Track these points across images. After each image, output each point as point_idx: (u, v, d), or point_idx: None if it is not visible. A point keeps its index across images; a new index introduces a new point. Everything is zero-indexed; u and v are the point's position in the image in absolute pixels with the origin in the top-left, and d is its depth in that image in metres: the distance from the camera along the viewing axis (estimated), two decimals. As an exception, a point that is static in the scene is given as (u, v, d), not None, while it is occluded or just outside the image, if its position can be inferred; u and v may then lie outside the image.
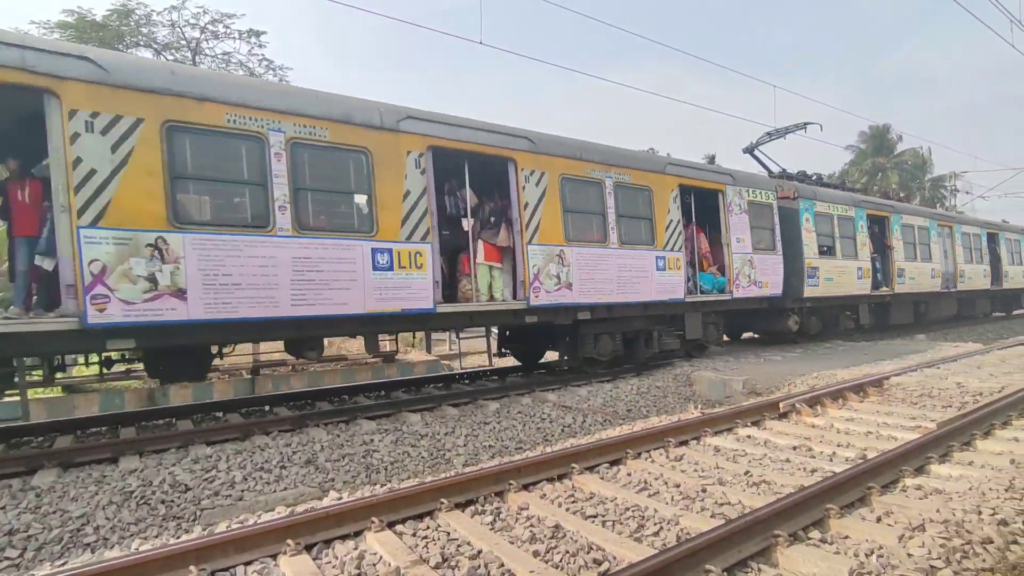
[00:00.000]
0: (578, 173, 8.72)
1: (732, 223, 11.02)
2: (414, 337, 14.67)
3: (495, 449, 6.35)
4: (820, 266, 12.70)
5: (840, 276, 13.30)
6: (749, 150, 14.58)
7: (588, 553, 3.38)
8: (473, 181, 8.06)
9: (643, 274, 9.43)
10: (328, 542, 3.65)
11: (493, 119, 8.12)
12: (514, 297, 8.18)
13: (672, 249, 9.96)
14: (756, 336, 14.90)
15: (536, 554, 3.40)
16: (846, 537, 3.50)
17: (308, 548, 3.55)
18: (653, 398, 8.59)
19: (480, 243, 8.12)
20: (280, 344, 8.84)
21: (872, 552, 3.17)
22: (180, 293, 5.53)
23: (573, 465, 4.80)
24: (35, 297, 6.11)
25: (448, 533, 3.74)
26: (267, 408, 7.88)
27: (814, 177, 14.94)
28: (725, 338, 14.27)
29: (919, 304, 17.09)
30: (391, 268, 6.82)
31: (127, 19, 19.68)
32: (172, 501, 4.71)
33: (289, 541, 3.48)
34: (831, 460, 5.02)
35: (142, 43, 20.34)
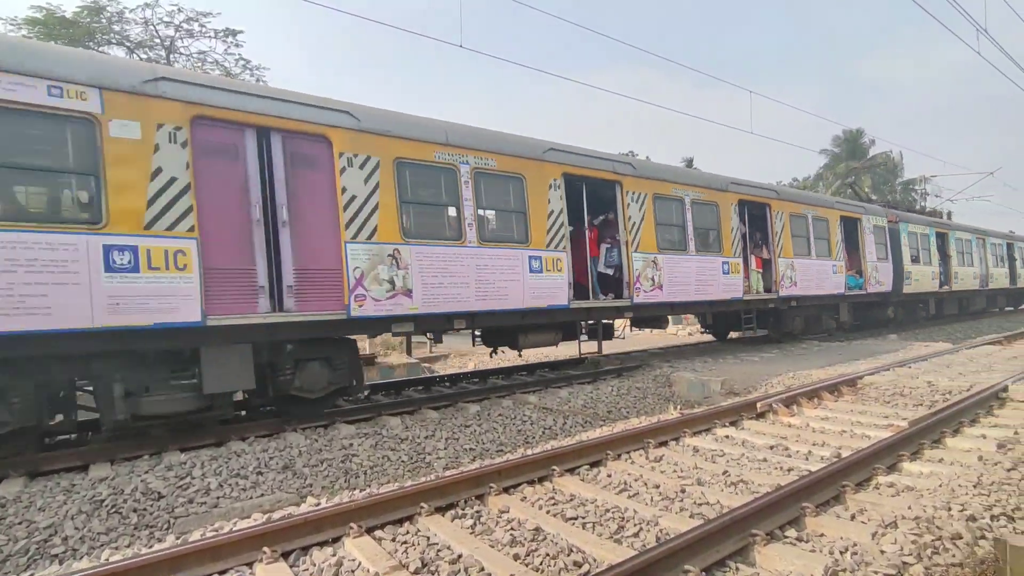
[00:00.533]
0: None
1: (866, 241, 15.40)
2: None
3: (476, 452, 6.33)
4: (912, 271, 17.20)
5: (922, 278, 17.88)
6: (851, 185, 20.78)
7: (568, 555, 3.38)
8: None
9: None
10: (306, 549, 3.60)
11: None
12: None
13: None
14: (738, 336, 15.11)
15: (516, 557, 3.39)
16: (821, 535, 3.55)
17: (285, 555, 3.49)
18: (633, 399, 8.65)
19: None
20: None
21: (846, 549, 3.22)
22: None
23: (554, 467, 4.81)
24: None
25: (428, 538, 3.71)
26: (243, 413, 7.74)
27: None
28: (711, 338, 15.77)
29: (963, 300, 22.17)
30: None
31: (98, 16, 19.25)
32: (144, 509, 4.60)
33: (265, 548, 3.42)
34: (807, 459, 5.10)
35: (114, 41, 19.91)
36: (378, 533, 3.79)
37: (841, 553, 3.20)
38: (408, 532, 3.83)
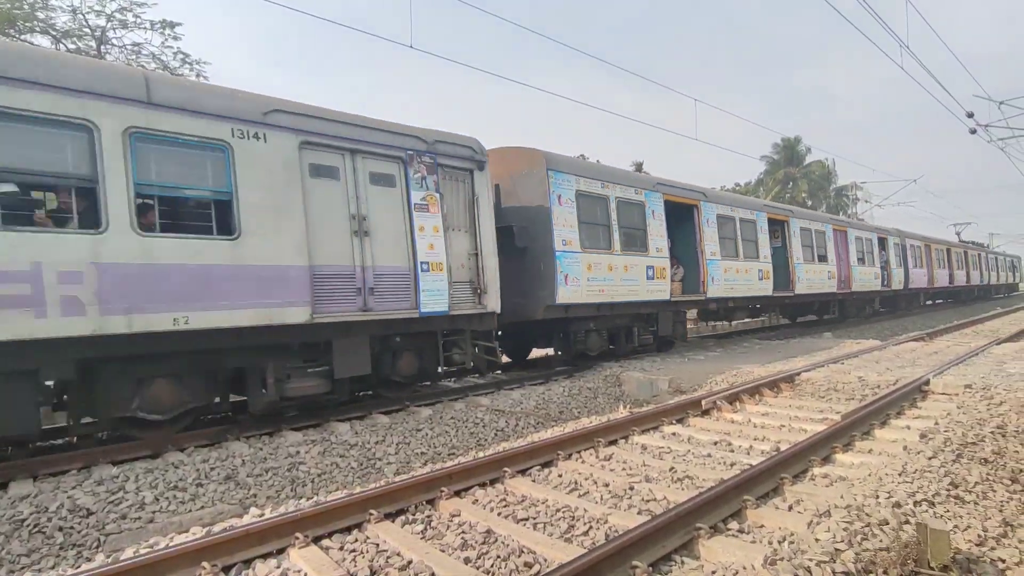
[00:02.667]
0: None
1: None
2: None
3: (428, 456, 6.27)
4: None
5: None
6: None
7: (519, 556, 3.39)
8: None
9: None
10: (248, 562, 3.47)
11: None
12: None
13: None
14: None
15: (467, 560, 3.37)
16: (761, 526, 3.70)
17: (226, 570, 3.36)
18: (584, 399, 8.77)
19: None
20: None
21: (784, 539, 3.36)
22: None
23: (505, 469, 4.81)
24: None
25: (377, 545, 3.64)
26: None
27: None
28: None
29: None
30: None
31: (19, 1, 18.01)
32: (71, 528, 4.33)
33: (205, 564, 3.28)
34: (748, 453, 5.30)
35: (38, 29, 18.67)
36: (325, 542, 3.70)
37: (779, 543, 3.34)
38: (357, 540, 3.75)
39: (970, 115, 15.28)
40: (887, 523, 3.41)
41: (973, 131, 15.65)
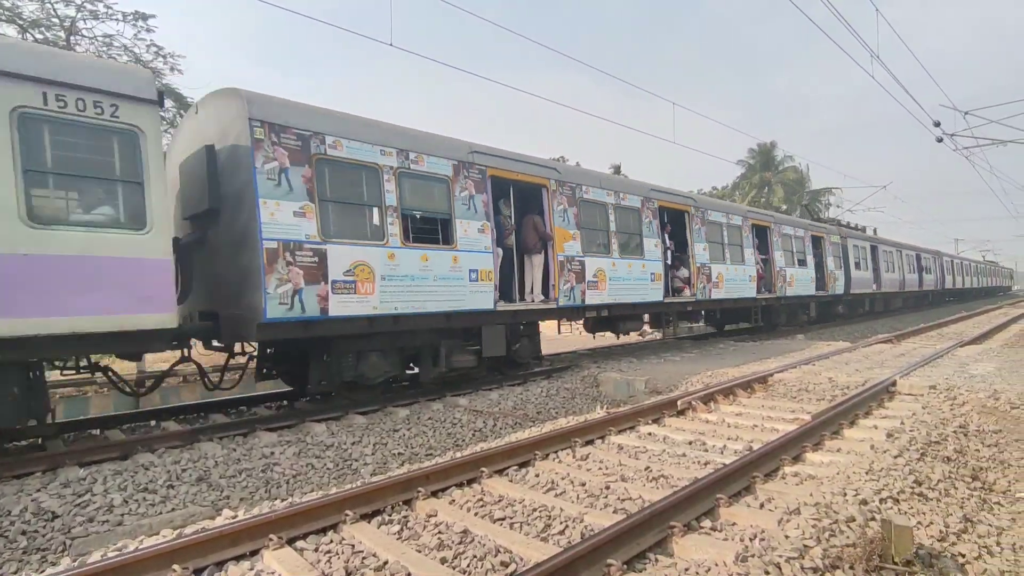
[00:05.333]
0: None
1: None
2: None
3: (405, 457, 6.24)
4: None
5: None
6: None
7: (496, 556, 3.40)
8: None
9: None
10: (221, 564, 3.42)
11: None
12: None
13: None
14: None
15: (444, 561, 3.37)
16: (734, 524, 3.77)
17: (197, 572, 3.30)
18: (562, 399, 8.82)
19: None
20: (166, 355, 8.21)
21: (755, 536, 3.43)
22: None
23: (483, 469, 4.82)
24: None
25: (353, 546, 3.62)
26: (153, 423, 7.25)
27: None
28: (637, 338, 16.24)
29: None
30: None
31: (-16, -11, 17.44)
32: (36, 532, 4.21)
33: (175, 567, 3.22)
34: (722, 452, 5.39)
35: (3, 18, 18.09)
36: (300, 544, 3.66)
37: (751, 540, 3.41)
38: (332, 541, 3.72)
39: (937, 124, 15.74)
40: (854, 520, 3.51)
41: (940, 140, 16.11)
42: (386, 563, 3.34)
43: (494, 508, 4.17)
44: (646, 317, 13.54)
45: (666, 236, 12.68)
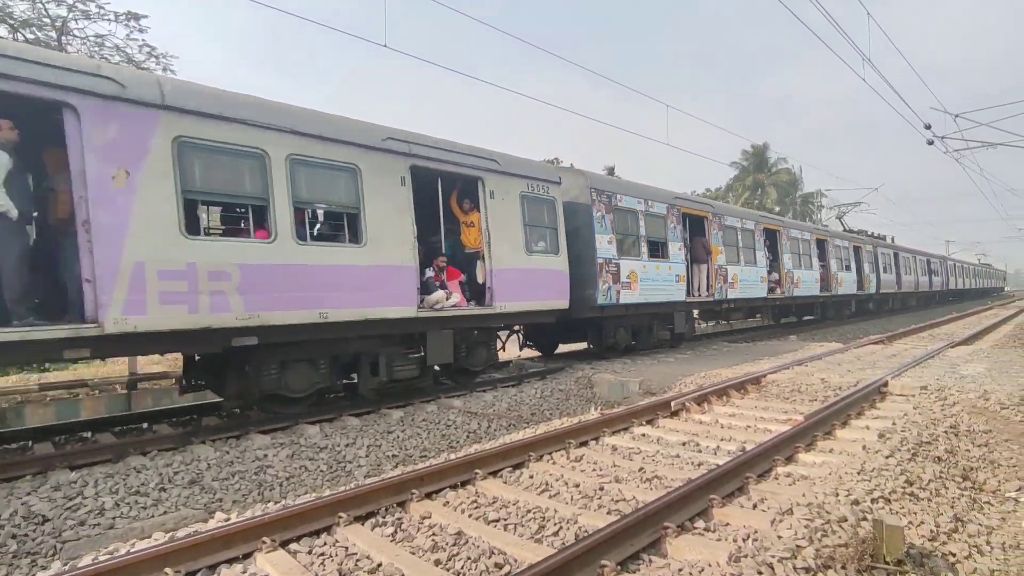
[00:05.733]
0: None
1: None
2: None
3: (399, 458, 6.22)
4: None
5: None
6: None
7: (490, 558, 3.40)
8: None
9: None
10: (213, 567, 3.41)
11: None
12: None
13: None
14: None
15: (438, 563, 3.37)
16: (727, 524, 3.79)
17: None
18: (556, 401, 8.82)
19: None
20: (155, 357, 8.19)
21: (748, 537, 3.45)
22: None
23: (477, 471, 4.82)
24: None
25: (347, 548, 3.61)
26: (145, 426, 7.21)
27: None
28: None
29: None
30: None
31: (-26, -11, 17.31)
32: (26, 535, 4.17)
33: (167, 570, 3.20)
34: (715, 453, 5.41)
35: (-6, 17, 17.95)
36: (293, 546, 3.65)
37: (743, 540, 3.43)
38: (326, 543, 3.71)
39: (928, 127, 15.87)
40: (846, 520, 3.53)
41: (931, 142, 16.24)
42: (380, 565, 3.34)
43: (488, 510, 4.17)
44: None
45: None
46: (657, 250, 12.71)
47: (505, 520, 3.96)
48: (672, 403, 7.05)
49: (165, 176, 5.69)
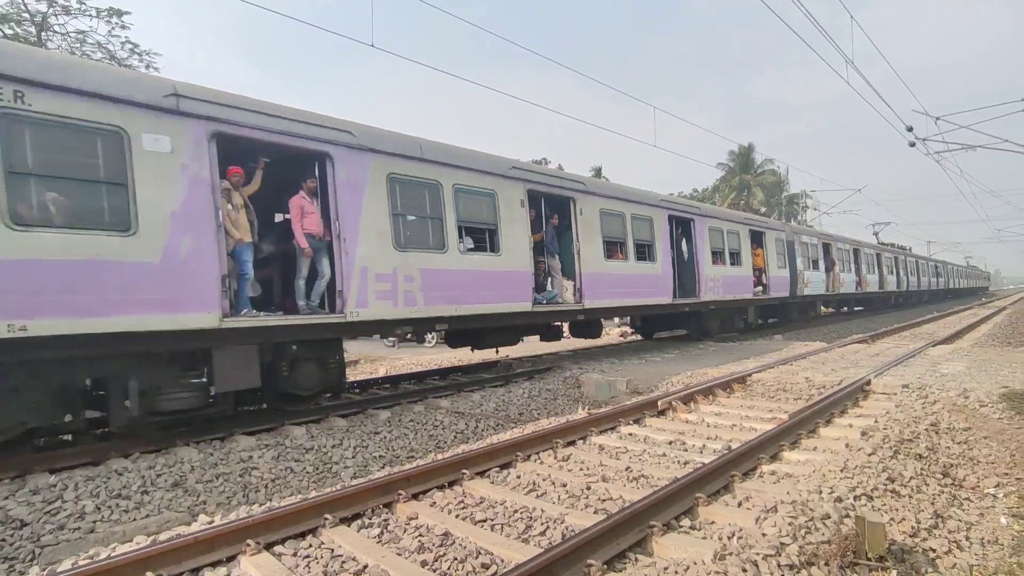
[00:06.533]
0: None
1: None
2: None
3: (386, 459, 6.19)
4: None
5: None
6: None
7: (476, 558, 3.39)
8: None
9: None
10: (196, 571, 3.37)
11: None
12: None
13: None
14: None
15: (424, 564, 3.36)
16: (712, 522, 3.81)
17: (172, 579, 3.24)
18: (544, 401, 8.83)
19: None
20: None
21: (733, 535, 3.47)
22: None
23: (464, 471, 4.81)
24: None
25: (332, 550, 3.59)
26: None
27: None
28: (618, 340, 15.94)
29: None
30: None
31: (-48, -17, 16.96)
32: (3, 540, 4.10)
33: (149, 574, 3.16)
34: (701, 452, 5.45)
35: (-29, 12, 17.61)
36: (278, 549, 3.62)
37: (728, 538, 3.45)
38: (311, 546, 3.68)
39: (909, 129, 16.10)
40: (829, 517, 3.57)
41: (912, 144, 16.48)
42: (366, 567, 3.32)
43: (475, 510, 4.16)
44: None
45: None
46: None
47: (492, 520, 3.96)
48: (659, 402, 7.09)
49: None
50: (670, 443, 5.81)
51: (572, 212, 10.73)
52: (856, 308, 31.02)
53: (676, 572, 3.10)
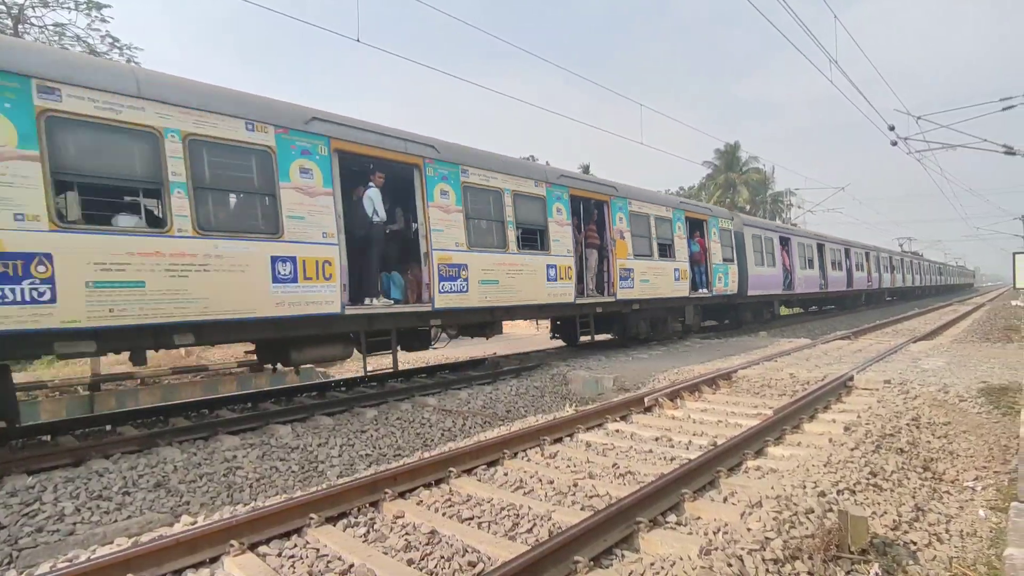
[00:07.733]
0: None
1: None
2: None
3: (372, 458, 6.16)
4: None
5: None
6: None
7: (463, 556, 3.38)
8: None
9: None
10: (179, 572, 3.32)
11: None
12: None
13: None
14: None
15: (410, 562, 3.34)
16: (698, 518, 3.84)
17: (154, 581, 3.19)
18: (531, 398, 8.84)
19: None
20: (124, 356, 7.86)
21: (719, 530, 3.50)
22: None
23: (451, 469, 4.80)
24: None
25: (318, 550, 3.56)
26: (108, 427, 6.99)
27: None
28: (607, 337, 16.00)
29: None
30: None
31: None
32: (-21, 543, 4.00)
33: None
34: (688, 448, 5.48)
35: (-55, 3, 17.17)
36: (263, 549, 3.58)
37: (714, 533, 3.47)
38: (296, 545, 3.65)
39: (891, 128, 16.31)
40: (812, 511, 3.60)
41: (894, 143, 16.70)
42: (352, 566, 3.29)
43: (462, 508, 4.15)
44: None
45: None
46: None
47: (479, 518, 3.95)
48: (645, 399, 7.13)
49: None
50: (657, 439, 5.84)
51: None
52: (827, 307, 29.12)
53: (662, 568, 3.12)
